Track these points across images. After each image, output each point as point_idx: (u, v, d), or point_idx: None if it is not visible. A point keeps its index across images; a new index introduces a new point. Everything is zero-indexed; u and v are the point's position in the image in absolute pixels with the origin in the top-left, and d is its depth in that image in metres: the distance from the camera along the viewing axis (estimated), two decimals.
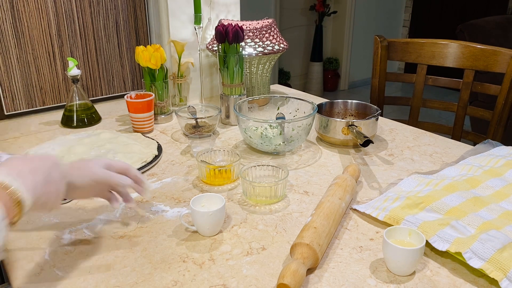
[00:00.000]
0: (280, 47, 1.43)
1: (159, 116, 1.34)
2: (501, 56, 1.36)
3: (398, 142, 1.20)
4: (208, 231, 0.79)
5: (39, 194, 0.57)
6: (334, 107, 1.30)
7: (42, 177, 0.58)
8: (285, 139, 1.11)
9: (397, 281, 0.68)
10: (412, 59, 1.55)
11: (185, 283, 0.68)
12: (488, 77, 1.64)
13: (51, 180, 0.60)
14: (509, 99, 1.36)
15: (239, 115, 1.10)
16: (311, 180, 0.99)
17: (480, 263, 0.67)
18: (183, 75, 1.50)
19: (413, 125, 1.40)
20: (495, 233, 0.71)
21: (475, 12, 4.29)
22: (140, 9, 1.53)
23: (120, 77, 1.56)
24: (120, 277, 0.69)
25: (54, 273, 0.70)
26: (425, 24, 4.96)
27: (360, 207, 0.86)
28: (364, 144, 1.03)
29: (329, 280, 0.68)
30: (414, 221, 0.77)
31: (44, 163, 0.60)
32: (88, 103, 1.34)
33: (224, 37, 1.23)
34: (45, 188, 0.58)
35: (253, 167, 0.95)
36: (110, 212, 0.87)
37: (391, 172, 1.03)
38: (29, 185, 0.55)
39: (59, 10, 1.37)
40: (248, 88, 1.49)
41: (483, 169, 0.96)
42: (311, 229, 0.72)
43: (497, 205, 0.83)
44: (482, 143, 1.13)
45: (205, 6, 1.52)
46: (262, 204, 0.89)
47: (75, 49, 1.44)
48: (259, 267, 0.71)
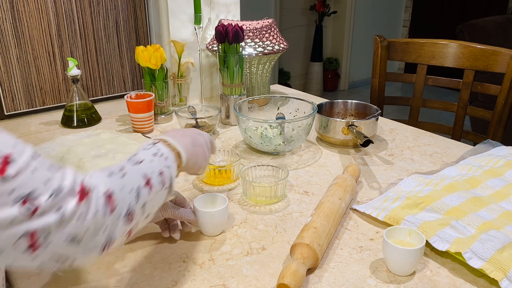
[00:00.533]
0: (280, 47, 1.43)
1: (159, 116, 1.34)
2: (501, 56, 1.36)
3: (398, 142, 1.20)
4: (210, 230, 0.79)
5: (190, 153, 0.71)
6: (334, 107, 1.30)
7: (190, 139, 0.73)
8: (285, 139, 1.11)
9: (397, 281, 0.68)
10: (412, 59, 1.55)
11: (185, 283, 0.68)
12: (488, 77, 1.64)
13: (198, 143, 0.74)
14: (509, 99, 1.36)
15: (239, 115, 1.10)
16: (311, 180, 0.99)
17: (480, 263, 0.67)
18: (183, 75, 1.50)
19: (413, 125, 1.40)
20: (495, 233, 0.71)
21: (475, 12, 4.29)
22: (140, 9, 1.53)
23: (120, 77, 1.56)
24: (120, 277, 0.69)
25: (54, 273, 0.70)
26: (425, 24, 4.96)
27: (360, 207, 0.86)
28: (364, 144, 1.03)
29: (329, 280, 0.68)
30: (414, 221, 0.77)
31: (191, 132, 0.76)
32: (88, 103, 1.34)
33: (224, 37, 1.23)
34: (193, 148, 0.72)
35: (253, 167, 0.95)
36: None
37: (391, 172, 1.03)
38: (182, 144, 0.70)
39: (59, 10, 1.37)
40: (248, 88, 1.49)
41: (483, 169, 0.96)
42: (311, 229, 0.72)
43: (497, 205, 0.83)
44: (482, 143, 1.13)
45: (205, 6, 1.52)
46: (262, 204, 0.89)
47: (75, 49, 1.44)
48: (259, 267, 0.71)
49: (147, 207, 0.57)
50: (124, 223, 0.52)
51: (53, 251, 0.45)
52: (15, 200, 0.40)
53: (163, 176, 0.61)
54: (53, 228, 0.43)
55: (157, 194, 0.60)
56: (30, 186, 0.41)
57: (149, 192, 0.57)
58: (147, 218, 0.60)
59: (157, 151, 0.64)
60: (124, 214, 0.52)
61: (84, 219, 0.46)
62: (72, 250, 0.46)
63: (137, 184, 0.56)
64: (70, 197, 0.45)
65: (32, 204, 0.41)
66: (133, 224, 0.55)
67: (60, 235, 0.44)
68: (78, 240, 0.46)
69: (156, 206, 0.62)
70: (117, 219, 0.51)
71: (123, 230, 0.53)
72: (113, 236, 0.51)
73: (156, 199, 0.60)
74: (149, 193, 0.58)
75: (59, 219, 0.43)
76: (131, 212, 0.53)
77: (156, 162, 0.62)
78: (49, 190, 0.43)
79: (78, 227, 0.45)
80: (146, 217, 0.59)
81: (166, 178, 0.62)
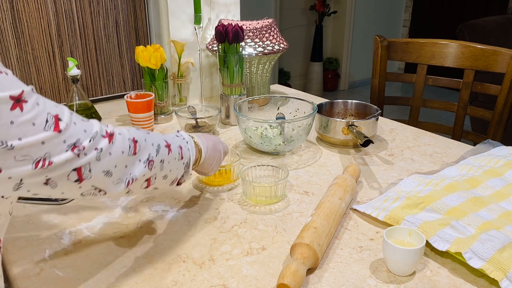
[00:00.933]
0: (280, 47, 1.43)
1: (159, 116, 1.34)
2: (501, 56, 1.36)
3: (398, 142, 1.20)
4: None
5: (209, 154, 0.82)
6: (334, 107, 1.30)
7: (212, 143, 0.84)
8: (285, 139, 1.11)
9: (397, 281, 0.68)
10: (412, 59, 1.55)
11: (185, 283, 0.68)
12: (488, 77, 1.64)
13: (217, 148, 0.86)
14: (509, 99, 1.36)
15: (239, 115, 1.10)
16: (311, 180, 0.99)
17: (480, 263, 0.67)
18: (183, 75, 1.50)
19: (413, 125, 1.40)
20: (495, 233, 0.71)
21: (475, 12, 4.29)
22: (140, 9, 1.53)
23: (120, 77, 1.56)
24: (120, 277, 0.69)
25: (54, 273, 0.70)
26: (425, 24, 4.96)
27: (360, 207, 0.86)
28: (364, 144, 1.03)
29: (329, 280, 0.68)
30: (414, 221, 0.77)
31: (214, 138, 0.87)
32: (88, 103, 1.34)
33: (224, 37, 1.23)
34: (213, 152, 0.84)
35: (253, 167, 0.95)
36: (110, 212, 0.87)
37: (391, 172, 1.03)
38: (205, 144, 0.82)
39: (59, 10, 1.37)
40: (248, 88, 1.49)
41: (483, 169, 0.96)
42: (311, 229, 0.72)
43: (497, 205, 0.83)
44: (482, 143, 1.13)
45: (205, 6, 1.52)
46: (262, 204, 0.89)
47: (75, 49, 1.44)
48: (259, 267, 0.71)
49: (165, 166, 0.68)
50: (145, 167, 0.64)
51: (93, 182, 0.57)
52: (68, 147, 0.53)
53: (181, 150, 0.73)
54: (92, 163, 0.56)
55: (175, 161, 0.71)
56: (76, 136, 0.54)
57: (168, 153, 0.69)
58: (165, 179, 0.70)
59: (180, 136, 0.77)
60: (145, 159, 0.64)
61: (114, 156, 0.59)
62: (106, 181, 0.59)
63: (158, 142, 0.68)
64: (102, 139, 0.57)
65: (79, 148, 0.54)
66: (152, 174, 0.66)
67: (98, 169, 0.57)
68: (110, 173, 0.59)
69: (174, 172, 0.72)
70: (139, 160, 0.63)
71: (143, 173, 0.64)
72: (135, 174, 0.63)
73: (174, 165, 0.71)
74: (168, 154, 0.69)
75: (96, 156, 0.56)
76: (151, 160, 0.65)
77: (178, 139, 0.74)
78: (88, 136, 0.56)
79: (110, 162, 0.58)
80: (164, 177, 0.70)
81: (185, 154, 0.74)
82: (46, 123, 0.51)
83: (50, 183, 0.53)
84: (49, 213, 0.86)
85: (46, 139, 0.51)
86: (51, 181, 0.53)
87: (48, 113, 0.51)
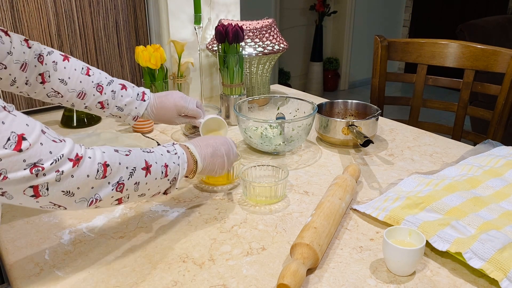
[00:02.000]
0: (280, 47, 1.43)
1: None
2: (501, 56, 1.36)
3: (398, 142, 1.20)
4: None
5: (207, 162, 0.82)
6: (334, 107, 1.30)
7: (211, 150, 0.83)
8: (285, 139, 1.11)
9: (397, 281, 0.68)
10: (412, 59, 1.55)
11: (185, 283, 0.68)
12: (488, 77, 1.64)
13: (218, 154, 0.84)
14: (509, 99, 1.36)
15: (239, 115, 1.10)
16: (311, 180, 0.99)
17: (480, 263, 0.67)
18: (183, 75, 1.50)
19: (413, 125, 1.40)
20: (495, 233, 0.71)
21: (475, 12, 4.30)
22: (140, 9, 1.53)
23: (120, 77, 1.56)
24: (120, 277, 0.69)
25: (54, 273, 0.70)
26: (425, 24, 4.96)
27: (360, 207, 0.86)
28: (364, 144, 1.03)
29: (329, 280, 0.68)
30: (414, 221, 0.77)
31: (216, 142, 0.85)
32: None
33: (224, 37, 1.23)
34: (212, 159, 0.83)
35: (253, 167, 0.95)
36: (110, 212, 0.87)
37: (391, 172, 1.03)
38: (202, 154, 0.81)
39: (59, 10, 1.37)
40: (248, 88, 1.49)
41: (483, 169, 0.96)
42: (311, 229, 0.72)
43: (497, 205, 0.83)
44: (482, 143, 1.13)
45: (205, 6, 1.52)
46: (262, 204, 0.89)
47: (75, 49, 1.44)
48: (259, 267, 0.71)
49: (141, 187, 0.69)
50: (113, 190, 0.65)
51: (50, 199, 0.60)
52: (28, 166, 0.56)
53: (166, 168, 0.73)
54: (51, 183, 0.58)
55: (156, 181, 0.71)
56: (38, 156, 0.56)
57: (146, 175, 0.69)
58: (141, 197, 0.71)
59: (172, 150, 0.76)
60: (115, 183, 0.65)
61: (77, 179, 0.60)
62: (65, 200, 0.61)
63: (134, 165, 0.68)
64: (66, 162, 0.59)
65: (38, 168, 0.56)
66: (123, 195, 0.67)
67: (56, 189, 0.59)
68: (71, 193, 0.61)
69: (154, 190, 0.72)
70: (108, 183, 0.64)
71: (111, 195, 0.65)
72: (100, 195, 0.64)
73: (153, 184, 0.71)
74: (146, 176, 0.69)
75: (56, 178, 0.58)
76: (121, 183, 0.66)
77: (166, 157, 0.74)
78: (52, 158, 0.57)
79: (71, 184, 0.60)
80: (141, 195, 0.71)
81: (171, 172, 0.74)
82: (7, 141, 0.54)
83: (5, 195, 0.57)
84: (49, 213, 0.86)
85: (4, 156, 0.53)
86: (6, 193, 0.57)
87: (12, 132, 0.54)
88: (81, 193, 0.61)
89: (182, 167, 0.76)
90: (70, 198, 0.61)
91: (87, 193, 0.62)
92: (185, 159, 0.77)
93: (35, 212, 0.86)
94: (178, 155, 0.76)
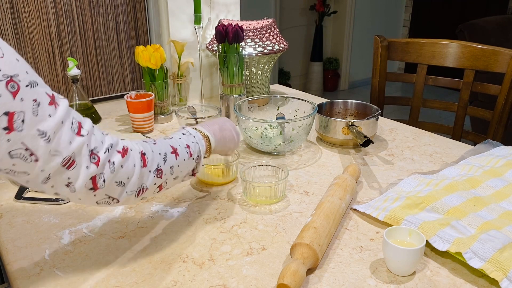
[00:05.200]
0: (280, 47, 1.43)
1: (159, 116, 1.34)
2: (501, 56, 1.36)
3: (398, 142, 1.20)
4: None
5: (219, 136, 0.86)
6: (334, 107, 1.30)
7: (217, 126, 0.87)
8: (285, 139, 1.11)
9: (397, 281, 0.68)
10: (412, 59, 1.55)
11: (185, 283, 0.68)
12: (488, 77, 1.64)
13: (225, 128, 0.88)
14: (509, 99, 1.36)
15: (239, 115, 1.10)
16: (311, 180, 0.99)
17: (480, 263, 0.67)
18: (183, 75, 1.50)
19: (413, 125, 1.40)
20: (495, 233, 0.71)
21: (475, 12, 4.29)
22: (140, 9, 1.53)
23: (120, 77, 1.56)
24: (120, 277, 0.69)
25: (54, 273, 0.70)
26: (425, 24, 4.96)
27: (360, 207, 0.86)
28: (364, 144, 1.03)
29: (329, 280, 0.68)
30: (414, 221, 0.77)
31: (219, 120, 0.91)
32: (88, 103, 1.34)
33: (224, 37, 1.23)
34: (221, 133, 0.87)
35: (253, 167, 0.95)
36: (110, 212, 0.87)
37: (391, 172, 1.03)
38: (210, 130, 0.85)
39: (59, 10, 1.37)
40: (248, 88, 1.49)
41: (483, 169, 0.96)
42: (311, 229, 0.72)
43: (497, 205, 0.83)
44: (482, 143, 1.13)
45: (205, 6, 1.52)
46: (262, 204, 0.89)
47: (75, 49, 1.44)
48: (259, 267, 0.71)
49: (175, 169, 0.72)
50: (155, 177, 0.68)
51: (106, 191, 0.61)
52: (88, 151, 0.58)
53: (189, 149, 0.76)
54: (106, 175, 0.60)
55: (185, 162, 0.75)
56: (94, 144, 0.59)
57: (176, 157, 0.72)
58: (176, 180, 0.74)
59: (186, 132, 0.80)
60: (154, 169, 0.68)
61: (126, 169, 0.63)
62: (118, 191, 0.63)
63: (165, 151, 0.71)
64: (115, 153, 0.62)
65: (95, 156, 0.59)
66: (163, 180, 0.70)
67: (111, 179, 0.61)
68: (123, 184, 0.63)
69: (184, 171, 0.76)
70: (148, 171, 0.67)
71: (154, 182, 0.68)
72: (146, 184, 0.67)
73: (183, 165, 0.74)
74: (176, 159, 0.72)
75: (110, 168, 0.60)
76: (160, 169, 0.69)
77: (184, 138, 0.78)
78: (104, 147, 0.60)
79: (123, 175, 0.62)
80: (175, 178, 0.74)
81: (193, 151, 0.77)
82: (71, 125, 0.56)
83: (70, 186, 0.58)
84: (49, 213, 0.86)
85: (74, 140, 0.56)
86: (71, 185, 0.58)
87: (73, 118, 0.57)
88: (130, 183, 0.64)
89: (201, 143, 0.80)
90: (122, 189, 0.63)
91: (135, 183, 0.64)
92: (200, 137, 0.81)
93: (35, 212, 0.86)
94: (193, 135, 0.80)
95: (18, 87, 0.50)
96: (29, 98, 0.51)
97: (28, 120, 0.51)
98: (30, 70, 0.52)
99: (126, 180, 0.63)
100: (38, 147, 0.52)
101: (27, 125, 0.51)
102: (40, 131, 0.52)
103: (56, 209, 0.88)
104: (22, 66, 0.51)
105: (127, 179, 0.63)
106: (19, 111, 0.50)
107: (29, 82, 0.51)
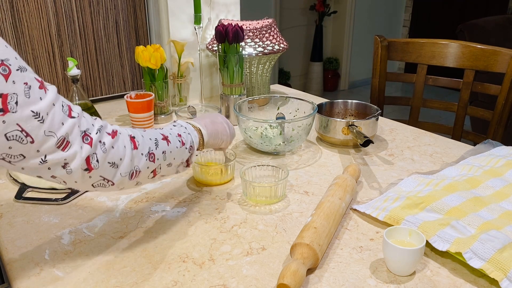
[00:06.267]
0: (280, 47, 1.43)
1: (159, 116, 1.34)
2: (501, 56, 1.36)
3: (398, 142, 1.20)
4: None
5: (210, 129, 0.87)
6: (334, 107, 1.30)
7: (209, 119, 0.89)
8: (285, 139, 1.11)
9: (397, 281, 0.68)
10: (412, 59, 1.55)
11: (185, 283, 0.68)
12: (488, 77, 1.64)
13: (217, 121, 0.90)
14: (509, 99, 1.36)
15: (239, 115, 1.10)
16: (311, 180, 0.99)
17: (480, 263, 0.67)
18: (183, 75, 1.50)
19: (413, 125, 1.40)
20: (495, 233, 0.71)
21: (475, 12, 4.29)
22: (140, 9, 1.53)
23: (120, 77, 1.56)
24: (120, 277, 0.69)
25: (54, 273, 0.70)
26: (425, 24, 4.96)
27: (360, 207, 0.86)
28: (364, 144, 1.03)
29: (329, 280, 0.68)
30: (414, 221, 0.77)
31: (210, 114, 0.92)
32: (88, 103, 1.34)
33: (224, 37, 1.23)
34: (213, 125, 0.88)
35: (253, 167, 0.95)
36: (110, 212, 0.87)
37: (391, 172, 1.03)
38: (202, 123, 0.86)
39: (59, 10, 1.37)
40: (248, 88, 1.49)
41: (483, 169, 0.96)
42: (311, 229, 0.72)
43: (497, 205, 0.83)
44: (482, 143, 1.13)
45: (205, 6, 1.52)
46: (262, 204, 0.89)
47: (75, 49, 1.44)
48: (259, 267, 0.71)
49: (167, 155, 0.73)
50: (147, 160, 0.69)
51: (100, 173, 0.63)
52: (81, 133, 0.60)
53: (181, 137, 0.78)
54: (99, 155, 0.62)
55: (177, 149, 0.76)
56: (85, 126, 0.61)
57: (167, 144, 0.74)
58: (169, 167, 0.75)
59: (177, 124, 0.81)
60: (146, 153, 0.69)
61: (117, 150, 0.64)
62: (112, 172, 0.64)
63: (155, 137, 0.73)
64: (105, 135, 0.64)
65: (88, 137, 0.61)
66: (156, 165, 0.71)
67: (103, 160, 0.62)
68: (115, 165, 0.64)
69: (178, 159, 0.77)
70: (140, 154, 0.68)
71: (147, 165, 0.70)
72: (139, 167, 0.68)
73: (176, 153, 0.76)
74: (168, 145, 0.74)
75: (102, 148, 0.62)
76: (152, 153, 0.70)
77: (175, 129, 0.79)
78: (95, 129, 0.62)
79: (115, 155, 0.64)
80: (169, 165, 0.75)
81: (186, 140, 0.78)
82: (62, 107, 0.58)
83: (66, 168, 0.59)
84: (49, 213, 0.86)
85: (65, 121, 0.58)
86: (68, 166, 0.59)
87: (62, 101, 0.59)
88: (123, 164, 0.65)
89: (193, 135, 0.81)
90: (115, 170, 0.64)
91: (128, 165, 0.66)
92: (191, 128, 0.82)
93: (35, 212, 0.86)
94: (184, 126, 0.81)
95: (10, 70, 0.52)
96: (21, 81, 0.53)
97: (21, 101, 0.53)
98: (18, 56, 0.55)
99: (119, 162, 0.64)
100: (33, 128, 0.54)
101: (21, 107, 0.53)
102: (33, 112, 0.54)
103: (56, 209, 0.88)
104: (11, 52, 0.53)
105: (119, 160, 0.65)
106: (12, 93, 0.52)
107: (19, 66, 0.53)
